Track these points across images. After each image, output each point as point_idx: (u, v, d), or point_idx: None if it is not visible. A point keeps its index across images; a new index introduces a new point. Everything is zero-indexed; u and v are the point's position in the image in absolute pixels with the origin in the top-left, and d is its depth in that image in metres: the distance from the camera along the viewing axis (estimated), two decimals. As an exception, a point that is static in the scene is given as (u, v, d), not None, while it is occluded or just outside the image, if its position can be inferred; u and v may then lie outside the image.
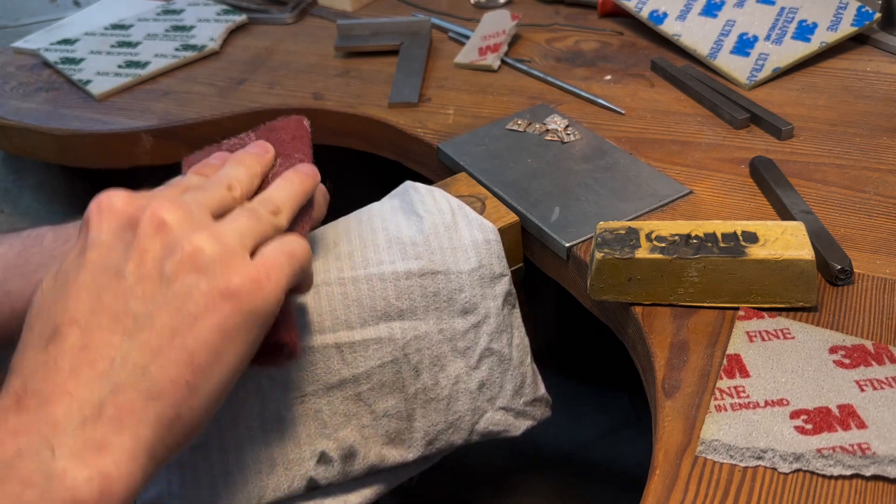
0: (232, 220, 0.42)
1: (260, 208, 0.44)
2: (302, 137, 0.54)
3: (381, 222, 0.57)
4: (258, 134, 0.55)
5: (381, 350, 0.54)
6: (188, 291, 0.38)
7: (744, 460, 0.42)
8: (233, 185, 0.45)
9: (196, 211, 0.41)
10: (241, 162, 0.48)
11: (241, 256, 0.40)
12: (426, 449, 0.57)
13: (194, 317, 0.38)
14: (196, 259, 0.39)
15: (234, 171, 0.47)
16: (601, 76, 0.83)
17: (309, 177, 0.49)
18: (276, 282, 0.41)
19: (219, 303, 0.39)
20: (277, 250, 0.42)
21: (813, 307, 0.51)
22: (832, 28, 0.81)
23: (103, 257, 0.39)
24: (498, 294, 0.57)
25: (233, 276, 0.39)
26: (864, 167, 0.65)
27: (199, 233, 0.40)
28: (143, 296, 0.38)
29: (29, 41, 1.03)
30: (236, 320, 0.39)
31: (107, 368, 0.37)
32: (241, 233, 0.42)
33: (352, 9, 1.05)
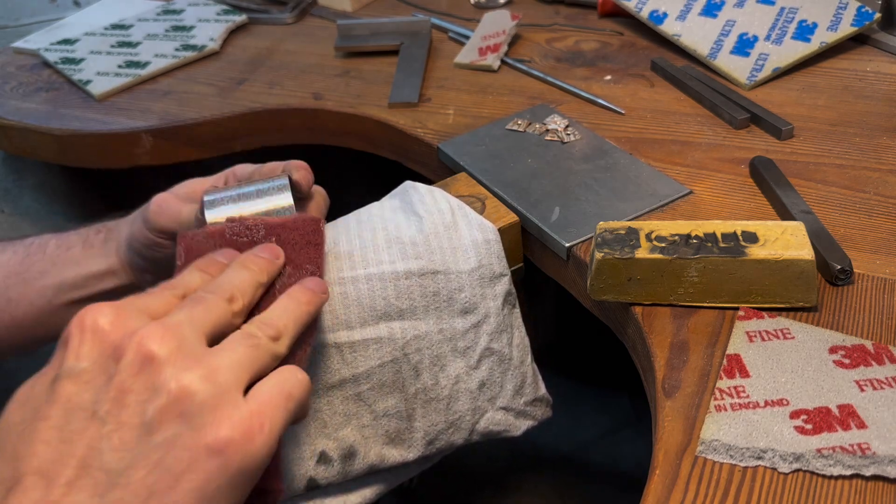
0: (229, 349, 0.38)
1: (260, 333, 0.40)
2: (316, 245, 0.49)
3: (380, 222, 0.57)
4: (268, 226, 0.49)
5: (380, 350, 0.54)
6: (171, 443, 0.34)
7: (744, 460, 0.42)
8: (235, 297, 0.42)
9: (189, 338, 0.37)
10: (247, 267, 0.44)
11: (234, 399, 0.36)
12: (426, 449, 0.57)
13: (175, 476, 0.34)
14: (183, 404, 0.35)
15: (239, 279, 0.43)
16: (601, 76, 0.83)
17: (316, 295, 0.45)
18: (269, 431, 0.36)
19: (203, 460, 0.34)
20: (275, 390, 0.38)
21: (813, 307, 0.51)
22: (832, 28, 0.81)
23: (79, 393, 0.35)
24: (498, 294, 0.57)
25: (222, 426, 0.35)
26: (864, 167, 0.65)
27: (189, 371, 0.36)
28: (119, 446, 0.34)
29: (29, 41, 1.03)
30: (221, 481, 0.35)
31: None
32: (236, 367, 0.37)
33: (352, 9, 1.05)
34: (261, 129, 0.85)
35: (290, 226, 0.49)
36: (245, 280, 0.43)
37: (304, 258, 0.48)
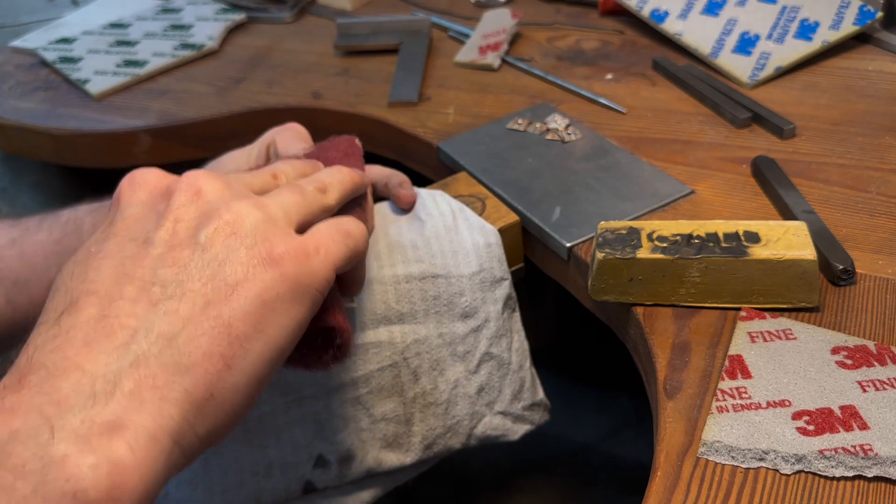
0: (276, 193, 0.39)
1: (305, 184, 0.41)
2: (354, 154, 0.51)
3: (381, 226, 0.57)
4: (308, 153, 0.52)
5: (380, 354, 0.54)
6: (225, 258, 0.35)
7: (745, 461, 0.42)
8: (278, 175, 0.43)
9: (236, 184, 0.38)
10: (290, 164, 0.46)
11: (285, 228, 0.37)
12: (424, 453, 0.56)
13: (231, 285, 0.34)
14: (235, 226, 0.36)
15: (282, 166, 0.44)
16: (602, 75, 0.82)
17: (358, 174, 0.46)
18: (325, 256, 0.37)
19: (259, 271, 0.35)
20: (332, 227, 0.39)
21: (815, 307, 0.51)
22: (834, 27, 0.81)
23: (131, 227, 0.36)
24: (498, 298, 0.57)
25: (276, 244, 0.36)
26: (867, 167, 0.65)
27: (239, 201, 0.37)
28: (173, 263, 0.34)
29: (27, 40, 1.02)
30: (280, 290, 0.35)
31: (126, 339, 0.32)
32: (285, 206, 0.38)
33: (351, 7, 1.04)
34: (260, 129, 0.84)
35: (327, 146, 0.52)
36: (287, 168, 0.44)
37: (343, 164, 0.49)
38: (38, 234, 0.58)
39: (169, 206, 0.36)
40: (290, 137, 0.56)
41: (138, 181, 0.38)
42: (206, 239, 0.35)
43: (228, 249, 0.35)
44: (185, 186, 0.37)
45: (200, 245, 0.35)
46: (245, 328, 0.34)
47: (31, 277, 0.57)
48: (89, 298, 0.33)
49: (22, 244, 0.58)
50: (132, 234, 0.36)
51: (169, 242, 0.35)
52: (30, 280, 0.57)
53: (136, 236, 0.36)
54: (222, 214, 0.36)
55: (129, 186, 0.38)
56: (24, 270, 0.57)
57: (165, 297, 0.33)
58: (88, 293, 0.33)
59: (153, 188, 0.38)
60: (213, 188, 0.37)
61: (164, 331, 0.33)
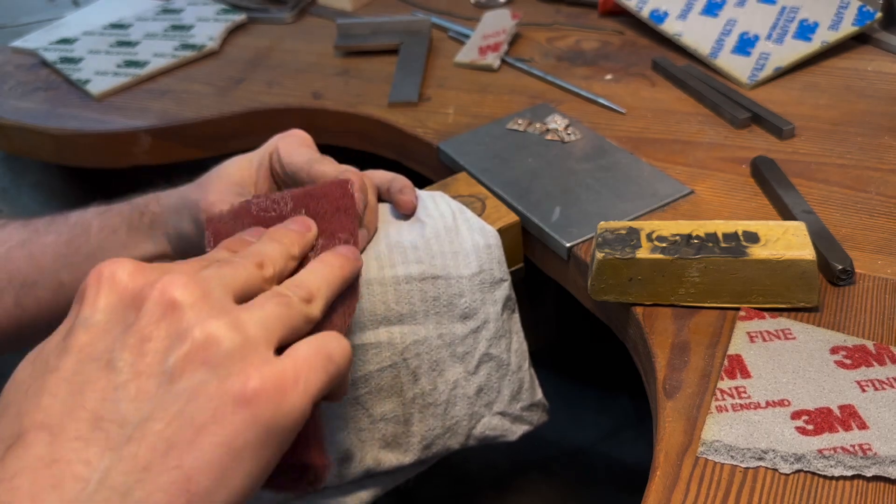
0: (257, 305, 0.35)
1: (291, 294, 0.37)
2: (347, 209, 0.46)
3: (382, 227, 0.57)
4: (296, 198, 0.47)
5: (380, 354, 0.54)
6: (194, 392, 0.31)
7: (745, 461, 0.42)
8: (264, 263, 0.39)
9: (216, 291, 0.34)
10: (277, 239, 0.42)
11: (264, 352, 0.33)
12: (423, 453, 0.56)
13: (197, 428, 0.31)
14: (208, 351, 0.32)
15: (269, 248, 0.40)
16: (602, 75, 0.83)
17: (350, 260, 0.42)
18: (304, 390, 0.33)
19: (230, 411, 0.31)
20: (312, 349, 0.34)
21: (814, 307, 0.51)
22: (833, 27, 0.81)
23: (93, 342, 0.33)
24: (498, 299, 0.57)
25: (251, 375, 0.32)
26: (866, 167, 0.65)
27: (215, 319, 0.33)
28: (136, 396, 0.31)
29: (27, 40, 1.03)
30: (249, 435, 0.31)
31: (77, 492, 0.29)
32: (267, 323, 0.34)
33: (351, 8, 1.05)
34: (260, 129, 0.85)
35: (317, 194, 0.47)
36: (275, 250, 0.40)
37: (336, 226, 0.45)
38: (48, 236, 0.58)
39: (138, 320, 0.33)
40: (293, 144, 0.56)
41: (107, 279, 0.34)
42: (174, 366, 0.32)
43: (198, 382, 0.31)
44: (157, 296, 0.33)
45: (168, 374, 0.32)
46: (207, 482, 0.30)
47: (40, 279, 0.57)
48: (39, 434, 0.30)
49: (31, 246, 0.58)
50: (94, 352, 0.32)
51: (134, 367, 0.32)
52: (38, 282, 0.57)
53: (99, 356, 0.32)
54: (195, 336, 0.32)
55: (96, 284, 0.34)
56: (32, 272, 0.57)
57: (124, 438, 0.30)
58: (39, 427, 0.30)
59: (122, 293, 0.34)
60: (188, 300, 0.33)
61: (118, 483, 0.29)
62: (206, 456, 0.30)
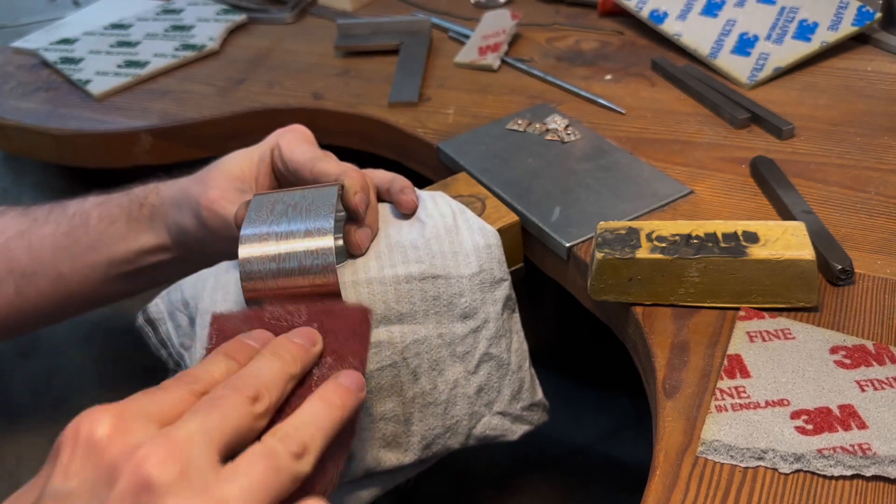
0: (243, 473, 0.32)
1: (281, 450, 0.34)
2: (361, 335, 0.44)
3: (382, 226, 0.57)
4: (312, 313, 0.44)
5: (380, 354, 0.54)
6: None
7: (744, 461, 0.42)
8: (260, 396, 0.36)
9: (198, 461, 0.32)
10: (278, 355, 0.39)
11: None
12: (423, 453, 0.56)
13: None
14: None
15: (267, 371, 0.38)
16: (601, 76, 0.83)
17: (351, 395, 0.39)
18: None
19: None
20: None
21: (814, 307, 0.51)
22: (833, 28, 0.81)
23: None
24: (498, 299, 0.57)
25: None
26: (865, 167, 0.65)
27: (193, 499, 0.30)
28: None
29: (28, 41, 1.03)
30: None
31: None
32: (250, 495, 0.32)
33: (351, 8, 1.05)
34: (260, 129, 0.84)
35: (336, 313, 0.44)
36: (274, 372, 0.38)
37: (347, 350, 0.43)
38: (46, 226, 0.58)
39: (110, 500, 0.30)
40: (294, 140, 0.56)
41: (83, 441, 0.32)
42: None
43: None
44: (130, 473, 0.30)
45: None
46: None
47: (39, 270, 0.57)
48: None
49: (30, 236, 0.58)
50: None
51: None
52: (37, 272, 0.57)
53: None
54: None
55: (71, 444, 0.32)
56: (31, 262, 0.57)
57: None
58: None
59: (98, 460, 0.31)
60: (165, 479, 0.30)
61: None
62: None
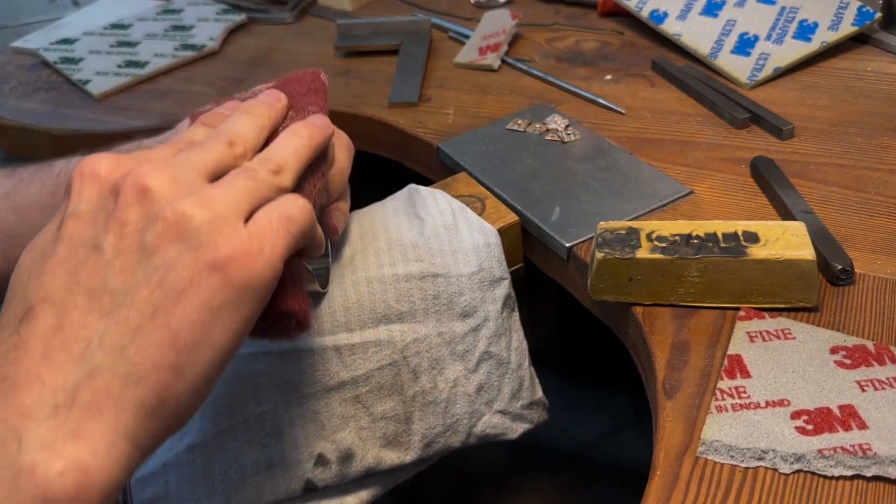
0: (227, 182, 0.39)
1: (259, 168, 0.40)
2: (317, 90, 0.50)
3: (381, 224, 0.57)
4: (272, 86, 0.50)
5: (379, 353, 0.54)
6: (171, 264, 0.35)
7: (744, 461, 0.42)
8: (235, 141, 0.41)
9: (185, 174, 0.38)
10: (248, 111, 0.44)
11: (233, 224, 0.37)
12: (423, 452, 0.56)
13: (178, 292, 0.35)
14: (180, 228, 0.35)
15: (239, 124, 0.43)
16: (601, 76, 0.83)
17: (319, 129, 0.45)
18: (270, 252, 0.37)
19: (205, 276, 0.35)
20: (273, 214, 0.38)
21: (814, 307, 0.51)
22: (833, 28, 0.81)
23: (81, 230, 0.37)
24: (497, 298, 0.57)
25: (221, 246, 0.35)
26: (865, 167, 0.65)
27: (185, 199, 0.36)
28: (121, 270, 0.35)
29: (28, 41, 1.03)
30: (226, 296, 0.35)
31: (82, 351, 0.34)
32: (234, 198, 0.38)
33: (351, 8, 1.05)
34: (260, 129, 0.85)
35: (290, 80, 0.51)
36: (246, 124, 0.43)
37: (306, 102, 0.48)
38: (32, 186, 0.58)
39: (116, 207, 0.36)
40: None
41: (87, 174, 0.38)
42: (151, 243, 0.35)
43: (174, 254, 0.35)
44: (130, 185, 0.37)
45: (146, 250, 0.35)
46: (192, 336, 0.35)
47: (25, 231, 0.57)
48: (45, 307, 0.35)
49: (16, 196, 0.58)
50: (82, 238, 0.36)
51: (116, 248, 0.36)
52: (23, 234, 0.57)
53: (86, 241, 0.36)
54: (167, 216, 0.36)
55: (79, 179, 0.38)
56: (18, 224, 0.57)
57: (115, 306, 0.35)
58: (44, 301, 0.35)
59: (102, 184, 0.38)
60: (158, 185, 0.36)
61: (115, 342, 0.34)
62: (188, 315, 0.35)
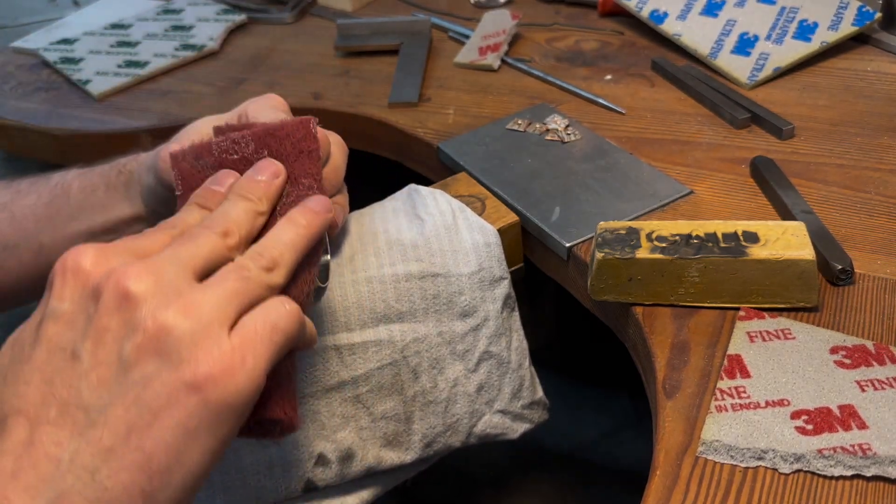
0: (216, 283, 0.36)
1: (251, 265, 0.38)
2: (310, 152, 0.45)
3: (381, 224, 0.57)
4: (256, 138, 0.45)
5: (380, 352, 0.54)
6: (148, 380, 0.33)
7: (744, 461, 0.42)
8: (230, 231, 0.39)
9: (172, 274, 0.36)
10: (245, 196, 0.42)
11: (216, 335, 0.35)
12: (424, 451, 0.56)
13: (153, 412, 0.33)
14: (160, 340, 0.34)
15: (235, 211, 0.41)
16: (601, 76, 0.83)
17: (318, 216, 0.42)
18: (252, 367, 0.35)
19: (182, 396, 0.33)
20: (259, 323, 0.36)
21: (814, 307, 0.51)
22: (833, 28, 0.81)
23: (60, 334, 0.35)
24: (497, 297, 0.57)
25: (201, 362, 0.34)
26: (865, 167, 0.65)
27: (168, 308, 0.34)
28: (97, 384, 0.34)
29: (28, 41, 1.03)
30: (203, 416, 0.34)
31: (52, 471, 0.32)
32: (221, 303, 0.36)
33: (351, 8, 1.05)
34: (260, 129, 0.85)
35: (279, 134, 0.45)
36: (241, 211, 0.41)
37: (298, 170, 0.44)
38: (28, 197, 0.58)
39: (97, 311, 0.35)
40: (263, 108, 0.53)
41: (70, 269, 0.36)
42: (129, 356, 0.34)
43: (152, 370, 0.34)
44: (111, 288, 0.35)
45: (124, 363, 0.34)
46: (166, 460, 0.33)
47: (21, 242, 0.57)
48: (18, 419, 0.34)
49: (12, 208, 0.58)
50: (60, 343, 0.35)
51: (94, 357, 0.34)
52: (19, 244, 0.57)
53: (65, 346, 0.35)
54: (147, 326, 0.34)
55: (61, 274, 0.36)
56: (13, 234, 0.57)
57: (89, 423, 0.33)
58: (18, 413, 0.34)
59: (85, 282, 0.36)
60: (142, 290, 0.34)
61: (86, 463, 0.33)
62: (163, 437, 0.33)
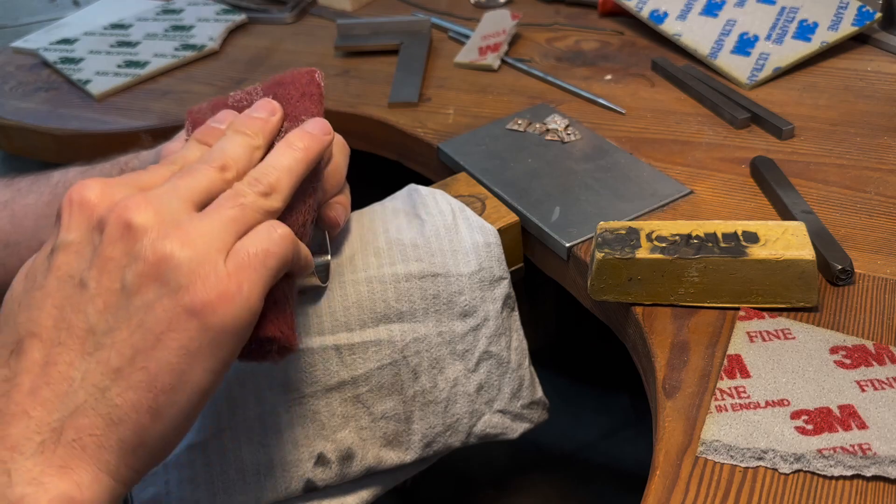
0: (213, 212, 0.38)
1: (248, 191, 0.40)
2: (312, 95, 0.48)
3: (381, 224, 0.57)
4: (266, 88, 0.49)
5: (380, 352, 0.54)
6: (149, 306, 0.35)
7: (744, 461, 0.42)
8: (227, 165, 0.41)
9: (171, 207, 0.37)
10: (242, 131, 0.43)
11: (213, 263, 0.36)
12: (423, 451, 0.56)
13: (156, 336, 0.35)
14: (160, 268, 0.36)
15: (232, 145, 0.42)
16: (601, 76, 0.83)
17: (316, 138, 0.44)
18: (248, 292, 0.37)
19: (183, 321, 0.35)
20: (252, 249, 0.38)
21: (814, 307, 0.51)
22: (833, 28, 0.81)
23: (69, 263, 0.37)
24: (497, 297, 0.57)
25: (199, 289, 0.35)
26: (865, 167, 0.65)
27: (167, 238, 0.36)
28: (103, 309, 0.36)
29: (28, 41, 1.03)
30: (203, 339, 0.36)
31: (66, 389, 0.35)
32: (219, 231, 0.37)
33: (351, 8, 1.05)
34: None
35: (285, 81, 0.49)
36: (239, 145, 0.42)
37: (300, 110, 0.47)
38: (29, 195, 0.58)
39: (101, 242, 0.37)
40: None
41: (76, 201, 0.38)
42: (131, 283, 0.36)
43: (153, 296, 0.35)
44: (115, 220, 0.36)
45: (127, 290, 0.36)
46: (170, 380, 0.35)
47: (22, 240, 0.57)
48: (33, 342, 0.36)
49: (13, 206, 0.58)
50: (70, 271, 0.37)
51: (100, 284, 0.36)
52: (20, 243, 0.57)
53: (73, 274, 0.37)
54: (148, 256, 0.36)
55: (68, 207, 0.38)
56: (14, 233, 0.57)
57: (96, 345, 0.35)
58: (32, 336, 0.36)
59: (90, 214, 0.38)
60: (143, 220, 0.36)
61: (96, 382, 0.35)
62: (166, 359, 0.35)
